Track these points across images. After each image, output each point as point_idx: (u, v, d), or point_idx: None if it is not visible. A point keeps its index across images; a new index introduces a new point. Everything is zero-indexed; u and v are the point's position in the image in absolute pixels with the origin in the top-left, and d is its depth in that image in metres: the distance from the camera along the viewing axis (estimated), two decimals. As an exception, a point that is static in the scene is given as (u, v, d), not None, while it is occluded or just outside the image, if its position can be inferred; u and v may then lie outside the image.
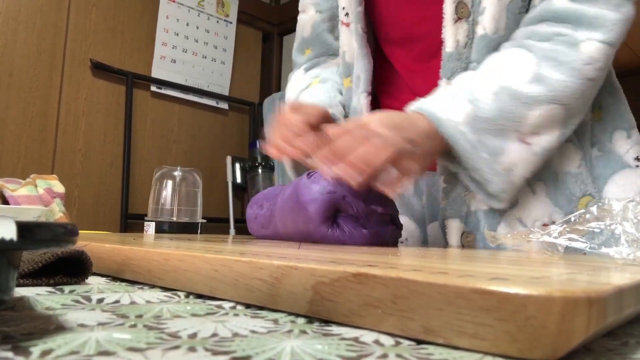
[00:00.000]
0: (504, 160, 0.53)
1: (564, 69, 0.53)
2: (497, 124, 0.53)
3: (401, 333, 0.20)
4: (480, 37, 0.60)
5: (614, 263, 0.33)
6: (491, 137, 0.53)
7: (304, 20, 0.83)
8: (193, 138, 2.58)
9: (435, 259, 0.32)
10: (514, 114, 0.53)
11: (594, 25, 0.54)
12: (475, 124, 0.53)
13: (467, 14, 0.61)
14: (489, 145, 0.53)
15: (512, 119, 0.53)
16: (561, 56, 0.54)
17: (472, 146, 0.53)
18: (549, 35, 0.56)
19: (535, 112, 0.53)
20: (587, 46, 0.54)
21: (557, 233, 0.38)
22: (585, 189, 0.61)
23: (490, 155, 0.53)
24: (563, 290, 0.17)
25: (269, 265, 0.25)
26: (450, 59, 0.62)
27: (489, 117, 0.53)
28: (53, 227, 0.19)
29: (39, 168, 2.01)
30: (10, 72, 2.01)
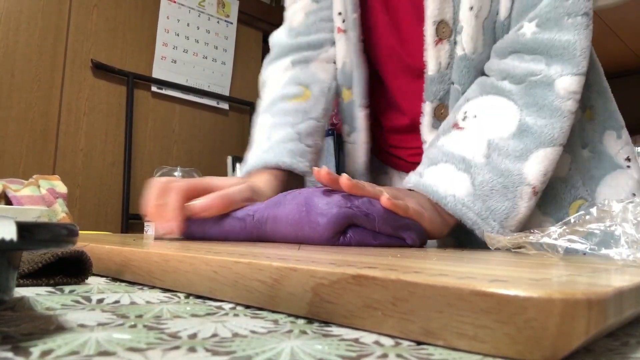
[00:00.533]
0: (512, 223, 0.53)
1: (545, 112, 0.53)
2: (500, 187, 0.52)
3: (401, 335, 0.20)
4: (460, 58, 0.60)
5: (614, 264, 0.33)
6: (499, 200, 0.52)
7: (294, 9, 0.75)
8: (193, 138, 2.58)
9: (435, 260, 0.32)
10: (511, 171, 0.52)
11: (564, 57, 0.54)
12: (479, 193, 0.52)
13: (449, 33, 0.60)
14: (498, 211, 0.52)
15: (511, 175, 0.53)
16: (540, 100, 0.54)
17: (481, 217, 0.52)
18: (523, 76, 0.55)
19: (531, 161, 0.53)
20: (563, 82, 0.53)
21: (556, 234, 0.38)
22: (576, 193, 0.61)
23: (500, 221, 0.52)
24: (563, 292, 0.17)
25: (269, 267, 0.25)
26: (433, 82, 0.62)
27: (489, 183, 0.52)
28: (53, 227, 0.19)
29: (40, 168, 2.02)
30: (11, 73, 2.02)
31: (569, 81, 0.53)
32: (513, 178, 0.52)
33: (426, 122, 0.64)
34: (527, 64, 0.55)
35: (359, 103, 0.70)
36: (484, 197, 0.52)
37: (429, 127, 0.64)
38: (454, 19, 0.60)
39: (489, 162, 0.53)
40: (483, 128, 0.55)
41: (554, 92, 0.53)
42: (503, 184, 0.52)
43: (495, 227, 0.52)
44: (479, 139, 0.55)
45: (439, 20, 0.60)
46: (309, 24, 0.74)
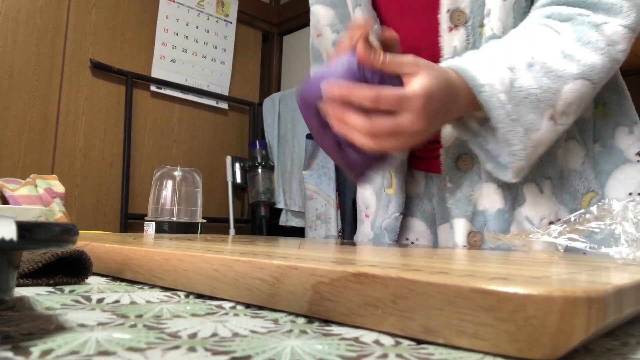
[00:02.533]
0: (534, 137, 0.53)
1: (590, 48, 0.53)
2: (534, 97, 0.52)
3: (401, 333, 0.20)
4: (489, 37, 0.60)
5: (614, 263, 0.33)
6: (528, 110, 0.52)
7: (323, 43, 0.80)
8: (193, 138, 2.58)
9: (435, 258, 0.32)
10: (550, 89, 0.52)
11: (610, 11, 0.54)
12: (514, 94, 0.52)
13: (465, 20, 0.61)
14: (526, 119, 0.52)
15: (547, 93, 0.52)
16: (585, 36, 0.54)
17: (510, 118, 0.52)
18: (570, 15, 0.56)
19: (568, 87, 0.53)
20: (608, 29, 0.54)
21: (557, 233, 0.38)
22: (588, 185, 0.62)
23: (525, 130, 0.52)
24: (563, 290, 0.17)
25: (269, 265, 0.25)
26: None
27: (527, 89, 0.52)
28: (53, 227, 0.19)
29: (39, 168, 2.01)
30: (10, 72, 2.01)
31: (615, 29, 0.54)
32: (549, 95, 0.52)
33: None
34: (573, 9, 0.56)
35: None
36: (517, 101, 0.52)
37: None
38: (472, 7, 0.61)
39: (531, 71, 0.53)
40: (527, 44, 0.55)
41: (599, 34, 0.54)
42: (538, 97, 0.52)
43: (520, 133, 0.52)
44: (523, 50, 0.54)
45: (453, 9, 0.61)
46: None
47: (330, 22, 0.78)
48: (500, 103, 0.51)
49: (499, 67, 0.53)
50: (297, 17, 2.81)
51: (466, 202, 0.63)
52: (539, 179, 0.61)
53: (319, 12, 0.78)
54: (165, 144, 2.48)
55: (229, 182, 2.60)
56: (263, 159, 2.57)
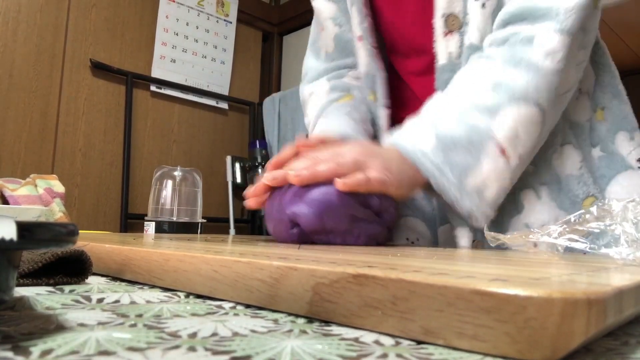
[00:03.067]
0: (472, 181, 0.52)
1: (522, 68, 0.52)
2: (463, 139, 0.52)
3: (401, 334, 0.20)
4: (468, 47, 0.61)
5: (614, 263, 0.33)
6: (462, 154, 0.51)
7: (324, 37, 0.80)
8: (193, 138, 2.58)
9: (436, 259, 0.32)
10: (478, 126, 0.52)
11: (546, 16, 0.53)
12: (443, 145, 0.52)
13: (459, 25, 0.61)
14: (458, 165, 0.51)
15: (478, 128, 0.52)
16: (518, 55, 0.53)
17: (438, 169, 0.51)
18: (506, 37, 0.55)
19: (500, 116, 0.52)
20: (542, 39, 0.53)
21: (557, 233, 0.38)
22: (587, 190, 0.61)
23: (457, 176, 0.51)
24: (563, 291, 0.17)
25: (269, 266, 0.25)
26: (444, 71, 0.63)
27: (454, 135, 0.52)
28: (53, 227, 0.19)
29: (39, 168, 2.01)
30: (10, 72, 2.01)
31: (549, 37, 0.52)
32: (480, 132, 0.51)
33: None
34: (511, 28, 0.56)
35: (380, 103, 0.72)
36: (446, 149, 0.51)
37: None
38: (464, 12, 0.61)
39: (459, 117, 0.53)
40: (461, 88, 0.56)
41: (532, 49, 0.53)
42: (468, 137, 0.51)
43: (453, 182, 0.51)
44: (454, 97, 0.55)
45: (448, 14, 0.61)
46: (339, 50, 0.79)
47: (333, 16, 0.78)
48: (426, 158, 0.52)
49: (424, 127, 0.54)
50: (297, 17, 2.81)
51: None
52: (536, 186, 0.61)
53: (321, 6, 0.79)
54: (165, 144, 2.48)
55: (229, 182, 2.60)
56: (263, 159, 2.57)
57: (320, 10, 0.79)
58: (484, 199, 0.53)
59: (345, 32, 0.78)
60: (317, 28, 0.82)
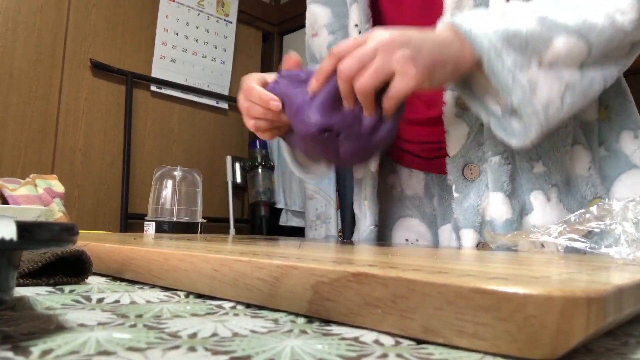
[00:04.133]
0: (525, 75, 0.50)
1: (594, 7, 0.53)
2: (522, 41, 0.50)
3: (401, 333, 0.20)
4: None
5: (614, 263, 0.33)
6: (514, 49, 0.50)
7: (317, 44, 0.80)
8: (193, 138, 2.58)
9: (435, 258, 0.32)
10: (541, 36, 0.51)
11: None
12: (502, 31, 0.50)
13: None
14: (513, 55, 0.50)
15: (537, 40, 0.51)
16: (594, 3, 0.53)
17: (495, 49, 0.50)
18: None
19: (560, 40, 0.51)
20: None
21: (557, 233, 0.38)
22: (595, 191, 0.61)
23: (514, 63, 0.50)
24: (562, 289, 0.17)
25: (269, 265, 0.25)
26: None
27: (517, 33, 0.51)
28: (53, 227, 0.19)
29: (39, 168, 2.01)
30: (10, 72, 2.01)
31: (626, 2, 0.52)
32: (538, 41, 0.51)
33: (449, 112, 0.64)
34: None
35: None
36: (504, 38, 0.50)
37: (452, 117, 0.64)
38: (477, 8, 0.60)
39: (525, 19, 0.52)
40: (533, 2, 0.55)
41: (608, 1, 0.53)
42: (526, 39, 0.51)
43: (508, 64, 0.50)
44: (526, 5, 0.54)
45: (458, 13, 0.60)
46: None
47: (327, 23, 0.77)
48: (486, 36, 0.50)
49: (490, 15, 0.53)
50: (297, 17, 2.81)
51: (474, 213, 0.62)
52: (546, 187, 0.61)
53: (315, 11, 0.78)
54: (165, 144, 2.48)
55: (229, 182, 2.60)
56: (263, 159, 2.57)
57: (315, 17, 0.78)
58: (535, 95, 0.51)
59: (338, 39, 0.77)
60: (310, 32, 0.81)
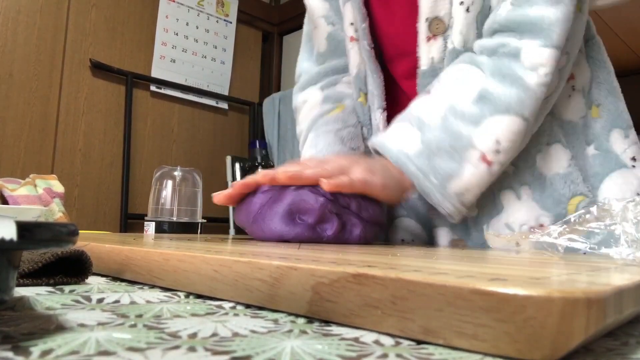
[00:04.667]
0: (454, 185, 0.54)
1: (507, 81, 0.54)
2: (448, 146, 0.54)
3: (401, 334, 0.20)
4: (450, 51, 0.61)
5: (614, 263, 0.33)
6: (445, 160, 0.54)
7: (317, 36, 0.80)
8: (193, 138, 2.58)
9: (435, 259, 0.32)
10: (461, 134, 0.54)
11: (534, 30, 0.54)
12: (427, 151, 0.54)
13: (444, 29, 0.61)
14: (441, 170, 0.54)
15: (460, 139, 0.54)
16: (505, 69, 0.54)
17: (422, 172, 0.54)
18: (494, 47, 0.56)
19: (483, 126, 0.53)
20: (528, 54, 0.54)
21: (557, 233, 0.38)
22: (575, 188, 0.61)
23: (440, 180, 0.54)
24: (562, 290, 0.17)
25: (269, 266, 0.25)
26: (425, 76, 0.63)
27: (438, 141, 0.54)
28: (53, 227, 0.19)
29: (38, 168, 2.01)
30: (10, 72, 2.01)
31: (536, 52, 0.53)
32: (462, 140, 0.53)
33: None
34: (499, 39, 0.57)
35: (377, 106, 0.71)
36: (430, 155, 0.54)
37: None
38: (450, 15, 0.60)
39: (443, 123, 0.55)
40: (447, 92, 0.57)
41: (519, 63, 0.54)
42: (451, 145, 0.54)
43: (436, 185, 0.54)
44: (440, 102, 0.56)
45: (432, 17, 0.61)
46: (332, 49, 0.79)
47: (325, 14, 0.77)
48: (409, 160, 0.55)
49: (409, 130, 0.56)
50: (297, 17, 2.80)
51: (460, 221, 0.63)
52: (516, 186, 0.61)
53: (313, 5, 0.78)
54: (165, 144, 2.48)
55: (229, 182, 2.60)
56: (263, 159, 2.57)
57: (312, 8, 0.79)
58: (464, 202, 0.55)
59: (338, 30, 0.77)
60: (310, 26, 0.82)
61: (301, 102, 0.80)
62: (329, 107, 0.76)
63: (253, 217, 0.54)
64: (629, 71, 1.53)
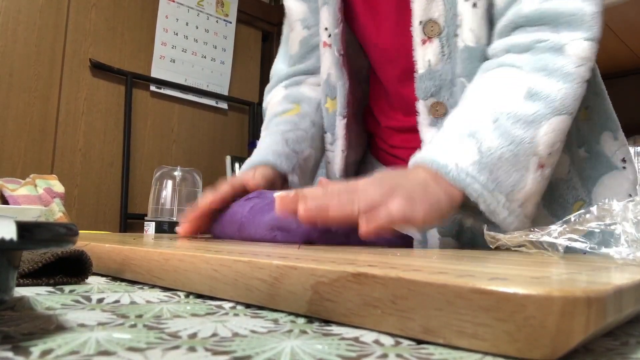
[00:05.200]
0: (519, 197, 0.48)
1: (557, 77, 0.50)
2: (509, 154, 0.47)
3: (401, 333, 0.20)
4: (462, 49, 0.58)
5: (614, 263, 0.33)
6: (507, 170, 0.48)
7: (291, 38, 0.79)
8: (192, 138, 2.58)
9: (435, 258, 0.32)
10: (523, 138, 0.48)
11: (573, 23, 0.51)
12: (485, 161, 0.47)
13: (439, 31, 0.59)
14: (505, 183, 0.47)
15: (524, 144, 0.48)
16: (550, 64, 0.50)
17: (487, 189, 0.47)
18: (528, 44, 0.52)
19: (544, 129, 0.49)
20: (573, 48, 0.50)
21: (557, 233, 0.38)
22: (576, 194, 0.60)
23: (507, 195, 0.47)
24: (562, 290, 0.17)
25: (269, 265, 0.25)
26: (422, 79, 0.61)
27: (498, 149, 0.47)
28: (53, 227, 0.19)
29: (38, 168, 2.01)
30: (10, 72, 2.01)
31: (581, 46, 0.50)
32: (525, 146, 0.48)
33: (423, 120, 0.64)
34: (532, 34, 0.52)
35: (339, 112, 0.71)
36: (492, 166, 0.47)
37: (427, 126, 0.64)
38: (446, 16, 0.58)
39: (498, 127, 0.48)
40: (487, 97, 0.51)
41: (565, 57, 0.50)
42: (514, 152, 0.47)
43: (502, 201, 0.47)
44: (484, 108, 0.50)
45: (425, 20, 0.59)
46: (303, 53, 0.78)
47: (302, 17, 0.76)
48: (472, 178, 0.46)
49: (459, 139, 0.48)
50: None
51: (452, 222, 0.61)
52: None
53: (291, 6, 0.77)
54: (165, 144, 2.48)
55: (228, 182, 2.60)
56: (263, 159, 2.57)
57: (290, 11, 0.77)
58: (527, 215, 0.50)
59: (313, 35, 0.76)
60: (287, 29, 0.81)
61: (266, 103, 0.81)
62: (284, 107, 0.75)
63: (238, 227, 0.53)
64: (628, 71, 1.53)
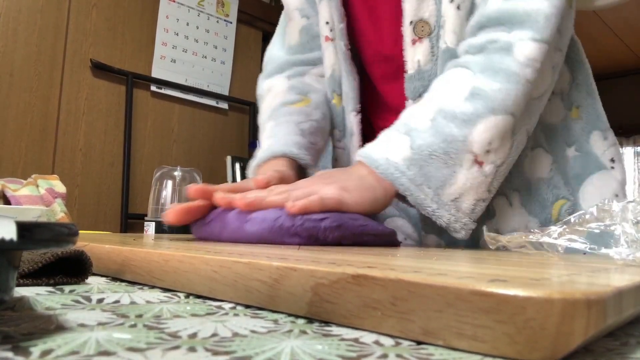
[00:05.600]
0: (450, 192, 0.50)
1: (500, 77, 0.51)
2: (441, 152, 0.50)
3: (401, 335, 0.20)
4: (444, 50, 0.59)
5: (614, 264, 0.33)
6: (438, 166, 0.50)
7: (290, 28, 0.78)
8: (193, 138, 2.58)
9: (435, 260, 0.32)
10: (454, 137, 0.50)
11: (525, 23, 0.52)
12: (416, 157, 0.50)
13: (429, 31, 0.60)
14: (435, 178, 0.50)
15: (455, 141, 0.50)
16: (496, 64, 0.52)
17: (414, 183, 0.50)
18: (482, 45, 0.54)
19: (480, 128, 0.50)
20: (521, 48, 0.51)
21: (556, 234, 0.38)
22: (557, 192, 0.61)
23: (435, 189, 0.50)
24: (562, 292, 0.17)
25: (268, 267, 0.25)
26: (412, 80, 0.62)
27: (429, 146, 0.50)
28: (53, 227, 0.19)
29: (39, 168, 2.01)
30: (10, 72, 2.02)
31: (529, 47, 0.51)
32: (457, 144, 0.50)
33: None
34: (488, 34, 0.54)
35: (351, 108, 0.70)
36: (422, 162, 0.50)
37: None
38: (437, 16, 0.59)
39: (433, 126, 0.51)
40: (435, 97, 0.53)
41: (512, 57, 0.51)
42: (445, 150, 0.50)
43: (429, 195, 0.50)
44: (428, 106, 0.53)
45: (416, 20, 0.60)
46: (304, 43, 0.77)
47: (299, 7, 0.76)
48: (400, 172, 0.50)
49: (396, 138, 0.52)
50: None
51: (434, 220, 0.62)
52: (508, 192, 0.60)
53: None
54: (165, 144, 2.48)
55: (229, 182, 2.60)
56: (263, 159, 2.57)
57: (288, 2, 0.77)
58: (461, 209, 0.52)
59: (312, 25, 0.75)
60: (286, 18, 0.80)
61: (266, 90, 0.78)
62: (293, 98, 0.73)
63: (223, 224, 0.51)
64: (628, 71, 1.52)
